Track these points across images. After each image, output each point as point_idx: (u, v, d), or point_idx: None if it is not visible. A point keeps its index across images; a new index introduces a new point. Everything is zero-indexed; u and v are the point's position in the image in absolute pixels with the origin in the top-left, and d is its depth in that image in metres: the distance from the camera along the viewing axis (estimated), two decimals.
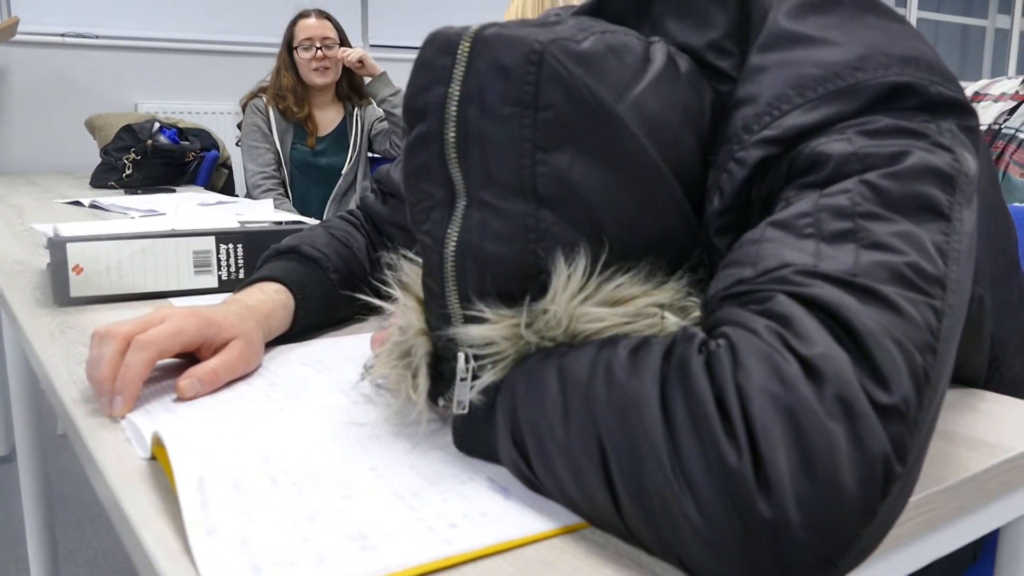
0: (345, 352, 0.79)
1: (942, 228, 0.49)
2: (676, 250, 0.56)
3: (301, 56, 2.75)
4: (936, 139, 0.53)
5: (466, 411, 0.55)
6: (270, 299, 0.80)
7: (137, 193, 2.35)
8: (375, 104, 2.90)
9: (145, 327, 0.66)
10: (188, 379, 0.66)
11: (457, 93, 0.52)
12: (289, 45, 2.77)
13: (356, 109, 2.88)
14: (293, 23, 2.78)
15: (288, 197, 2.75)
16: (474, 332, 0.53)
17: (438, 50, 0.53)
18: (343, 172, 2.84)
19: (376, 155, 2.97)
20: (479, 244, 0.53)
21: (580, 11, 0.70)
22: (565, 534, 0.47)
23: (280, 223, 1.58)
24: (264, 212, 1.86)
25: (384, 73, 2.80)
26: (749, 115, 0.56)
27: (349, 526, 0.46)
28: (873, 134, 0.52)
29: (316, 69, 2.75)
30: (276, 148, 2.75)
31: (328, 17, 2.81)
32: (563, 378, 0.48)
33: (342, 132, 2.87)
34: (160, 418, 0.61)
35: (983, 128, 2.32)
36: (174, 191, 2.46)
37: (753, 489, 0.39)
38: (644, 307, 0.53)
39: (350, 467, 0.54)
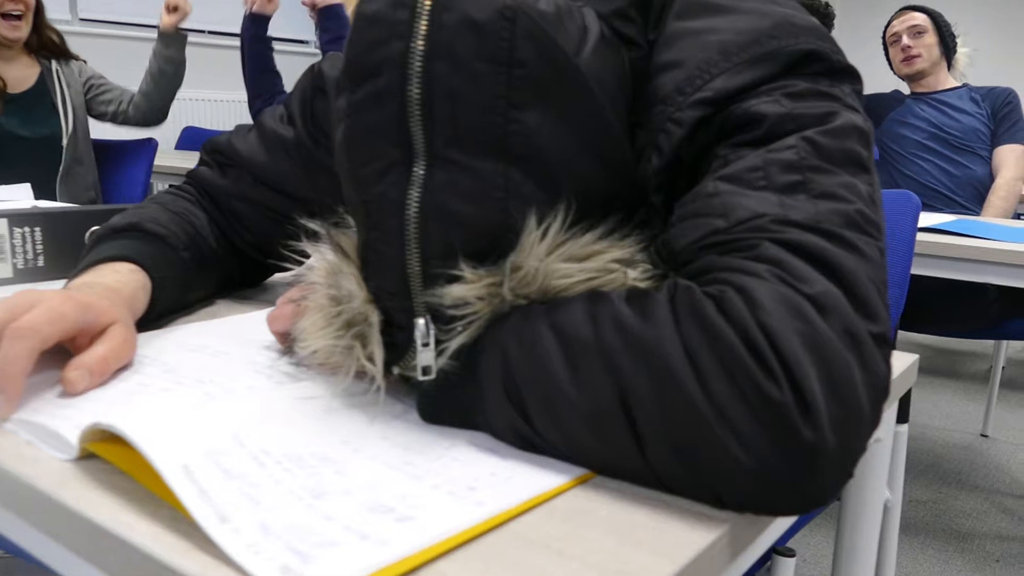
0: (226, 333, 0.72)
1: (868, 180, 0.55)
2: (626, 207, 0.58)
3: None
4: (846, 101, 0.59)
5: (432, 377, 0.53)
6: (129, 280, 0.71)
7: None
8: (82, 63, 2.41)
9: (15, 314, 0.56)
10: (77, 370, 0.57)
11: (421, 48, 0.50)
12: None
13: (54, 64, 2.31)
14: None
15: None
16: (455, 292, 0.51)
17: (390, 4, 0.51)
18: (64, 145, 2.28)
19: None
20: (445, 204, 0.51)
21: None
22: (578, 485, 0.47)
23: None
24: (23, 197, 1.63)
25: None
26: (680, 78, 0.59)
27: (366, 501, 0.43)
28: (797, 96, 0.57)
29: (4, 16, 2.15)
30: None
31: None
32: (560, 333, 0.48)
33: (40, 94, 2.28)
34: (62, 415, 0.53)
35: None
36: None
37: (798, 418, 0.42)
38: (607, 263, 0.54)
39: (322, 442, 0.50)
